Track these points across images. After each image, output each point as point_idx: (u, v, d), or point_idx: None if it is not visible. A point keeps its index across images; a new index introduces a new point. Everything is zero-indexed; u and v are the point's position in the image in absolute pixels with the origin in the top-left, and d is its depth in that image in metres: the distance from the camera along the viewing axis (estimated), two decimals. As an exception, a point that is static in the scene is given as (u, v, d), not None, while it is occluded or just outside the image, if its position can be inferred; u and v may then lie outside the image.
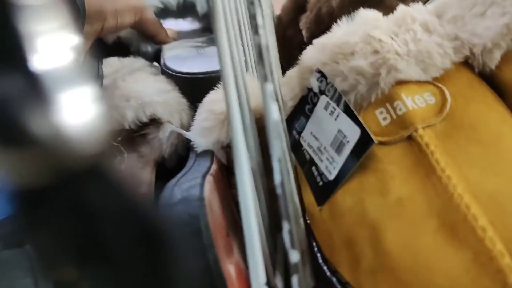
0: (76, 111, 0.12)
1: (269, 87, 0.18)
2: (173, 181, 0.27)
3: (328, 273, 0.27)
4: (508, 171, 0.25)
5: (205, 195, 0.24)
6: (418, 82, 0.28)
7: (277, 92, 0.22)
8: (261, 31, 0.20)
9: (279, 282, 0.23)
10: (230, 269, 0.24)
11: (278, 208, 0.20)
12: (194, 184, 0.25)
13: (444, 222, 0.23)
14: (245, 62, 0.35)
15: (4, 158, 0.11)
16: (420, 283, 0.23)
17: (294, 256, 0.18)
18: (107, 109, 0.36)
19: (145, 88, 0.38)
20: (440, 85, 0.28)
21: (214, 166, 0.31)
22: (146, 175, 0.35)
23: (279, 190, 0.19)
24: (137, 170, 0.35)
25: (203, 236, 0.22)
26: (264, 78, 0.18)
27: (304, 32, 0.50)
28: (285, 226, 0.18)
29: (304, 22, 0.50)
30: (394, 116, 0.28)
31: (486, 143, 0.26)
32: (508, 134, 0.27)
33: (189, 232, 0.22)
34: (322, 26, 0.47)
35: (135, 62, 0.45)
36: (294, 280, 0.19)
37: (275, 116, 0.18)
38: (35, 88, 0.11)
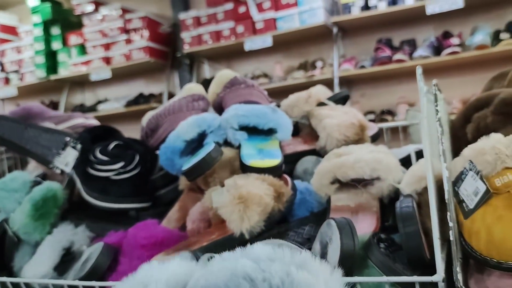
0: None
1: (444, 163, 0.55)
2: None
3: (467, 248, 0.61)
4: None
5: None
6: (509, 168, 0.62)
7: (445, 167, 0.59)
8: (442, 138, 0.58)
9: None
10: None
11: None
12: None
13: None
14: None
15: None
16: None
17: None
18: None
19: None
20: None
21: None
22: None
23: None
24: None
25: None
26: (444, 159, 0.56)
27: (468, 135, 0.85)
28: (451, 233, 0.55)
29: (469, 129, 0.85)
30: (503, 182, 0.62)
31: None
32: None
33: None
34: (480, 133, 0.82)
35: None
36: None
37: (446, 175, 0.55)
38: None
